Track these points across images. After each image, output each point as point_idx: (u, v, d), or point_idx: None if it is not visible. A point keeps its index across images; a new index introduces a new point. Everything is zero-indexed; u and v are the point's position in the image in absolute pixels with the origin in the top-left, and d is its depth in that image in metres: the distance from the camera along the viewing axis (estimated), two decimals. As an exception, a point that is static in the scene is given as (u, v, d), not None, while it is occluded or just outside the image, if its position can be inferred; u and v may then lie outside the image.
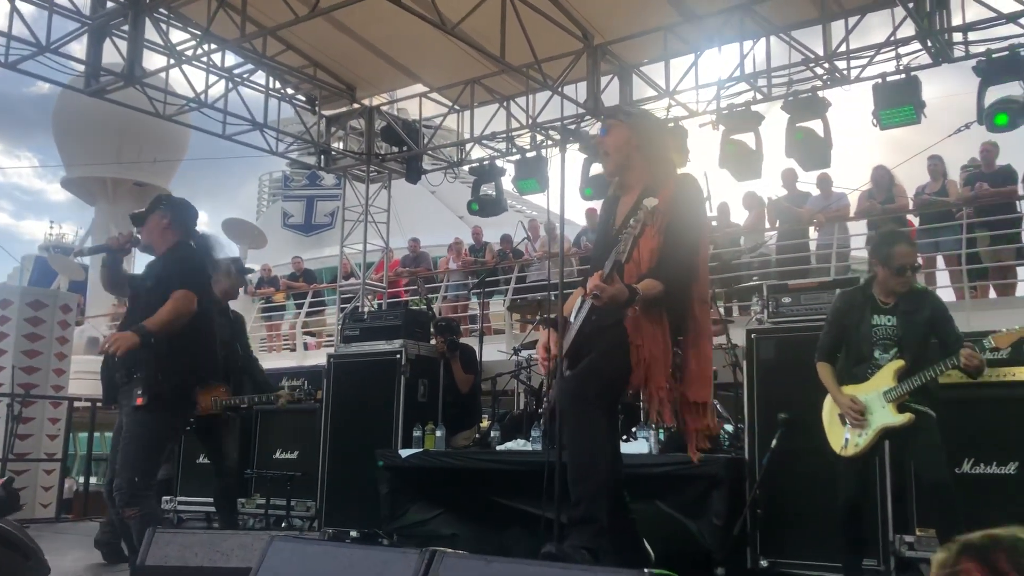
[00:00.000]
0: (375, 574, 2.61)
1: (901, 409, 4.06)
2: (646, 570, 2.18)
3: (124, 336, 3.91)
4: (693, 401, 3.34)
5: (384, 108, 10.94)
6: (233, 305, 6.36)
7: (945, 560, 1.24)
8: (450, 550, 2.54)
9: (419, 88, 10.59)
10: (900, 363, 4.09)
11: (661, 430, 6.02)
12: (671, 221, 3.21)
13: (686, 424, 3.40)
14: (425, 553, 2.57)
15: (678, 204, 3.25)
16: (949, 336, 4.12)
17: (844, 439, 4.19)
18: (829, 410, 4.33)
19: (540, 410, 6.40)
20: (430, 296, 12.52)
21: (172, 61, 8.87)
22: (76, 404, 9.92)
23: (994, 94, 7.43)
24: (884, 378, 4.11)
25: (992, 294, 9.24)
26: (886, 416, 4.07)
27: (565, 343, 3.54)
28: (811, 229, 10.21)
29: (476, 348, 7.57)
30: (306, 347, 14.48)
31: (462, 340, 7.71)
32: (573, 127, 8.75)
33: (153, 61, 8.84)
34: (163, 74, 9.18)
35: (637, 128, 3.52)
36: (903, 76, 7.67)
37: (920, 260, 4.47)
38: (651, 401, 3.27)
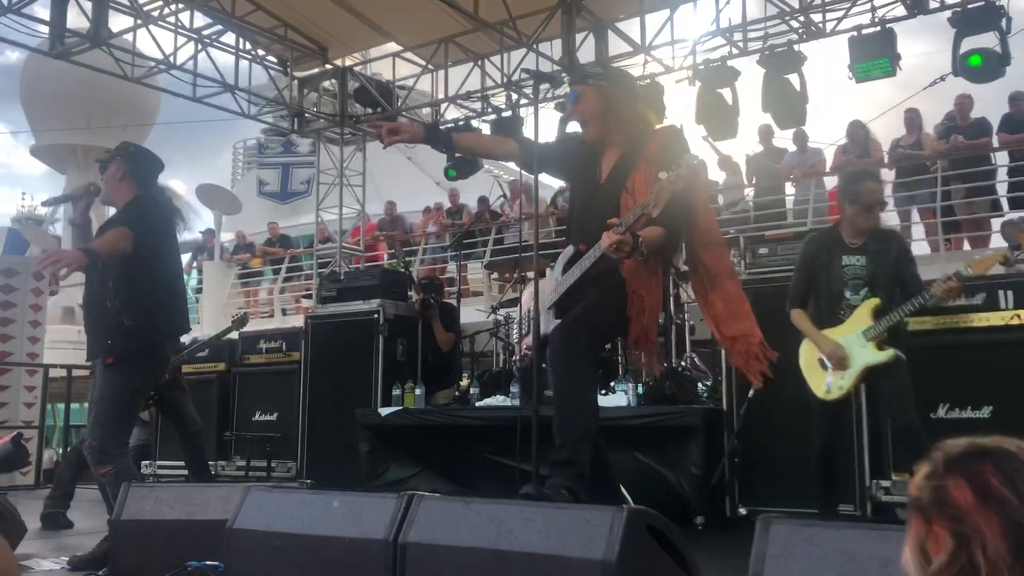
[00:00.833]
0: (353, 519, 2.60)
1: (881, 347, 4.01)
2: (624, 505, 2.18)
3: (72, 254, 3.81)
4: (729, 336, 3.40)
5: (357, 69, 10.80)
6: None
7: (929, 476, 1.18)
8: (427, 493, 2.54)
9: (392, 48, 10.45)
10: (876, 301, 4.04)
11: (640, 384, 6.05)
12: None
13: (734, 362, 3.48)
14: (403, 497, 2.57)
15: (668, 157, 3.21)
16: (911, 278, 4.09)
17: (826, 383, 4.12)
18: (806, 356, 4.25)
19: (515, 360, 6.40)
20: (408, 259, 12.46)
21: (139, 21, 8.71)
22: (52, 374, 9.81)
23: (969, 46, 7.42)
24: (861, 318, 4.06)
25: (967, 246, 9.29)
26: (868, 355, 4.01)
27: (555, 296, 3.54)
28: (788, 185, 10.21)
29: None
30: (284, 312, 14.39)
31: (444, 300, 7.71)
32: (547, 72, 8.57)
33: (119, 22, 8.67)
34: (130, 36, 9.00)
35: (608, 90, 3.46)
36: (879, 28, 7.64)
37: (886, 197, 4.46)
38: (645, 352, 3.34)
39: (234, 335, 7.68)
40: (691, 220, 3.41)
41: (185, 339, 5.99)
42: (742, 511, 5.29)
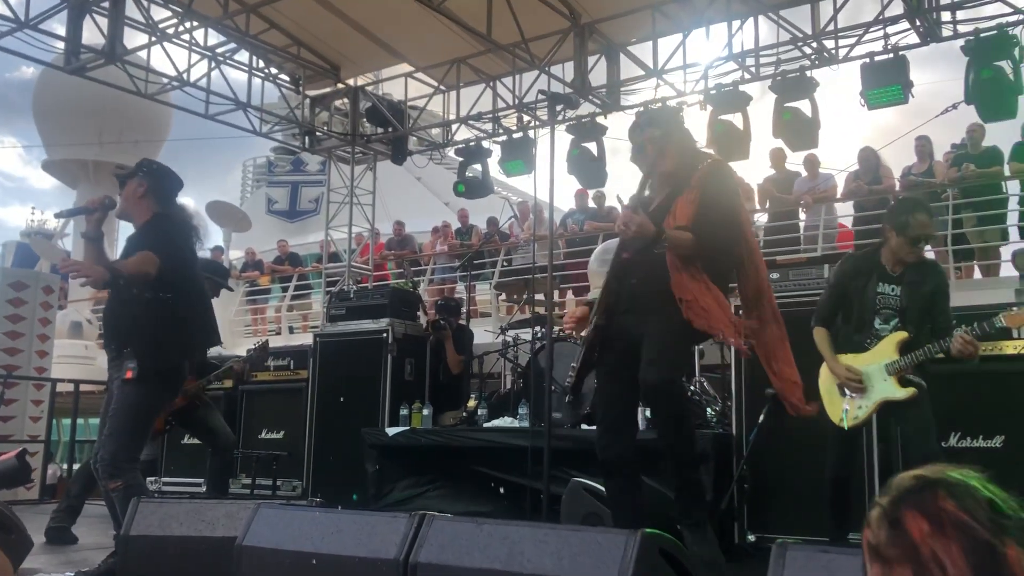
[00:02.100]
0: (364, 538, 2.58)
1: (903, 382, 3.96)
2: (640, 529, 2.16)
3: (94, 268, 3.81)
4: (780, 377, 3.73)
5: (369, 88, 10.84)
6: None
7: (880, 517, 1.12)
8: (438, 513, 2.52)
9: (404, 68, 10.51)
10: (903, 335, 3.98)
11: (648, 408, 6.01)
12: (703, 194, 3.52)
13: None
14: (415, 517, 2.55)
15: (710, 180, 3.56)
16: (941, 315, 4.03)
17: (843, 410, 4.08)
18: (826, 379, 4.21)
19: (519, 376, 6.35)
20: (416, 279, 12.46)
21: (153, 39, 8.77)
22: (59, 388, 9.81)
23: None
24: (886, 350, 4.00)
25: (977, 274, 9.27)
26: (888, 389, 3.96)
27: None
28: (799, 210, 10.20)
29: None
30: (291, 330, 14.39)
31: (460, 323, 7.72)
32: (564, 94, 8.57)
33: (134, 39, 8.74)
34: (144, 53, 9.07)
35: (678, 133, 3.82)
36: (891, 56, 7.65)
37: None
38: (725, 339, 3.56)
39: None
40: (743, 244, 3.66)
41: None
42: (751, 538, 5.24)
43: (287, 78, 10.40)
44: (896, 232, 4.02)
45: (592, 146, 9.15)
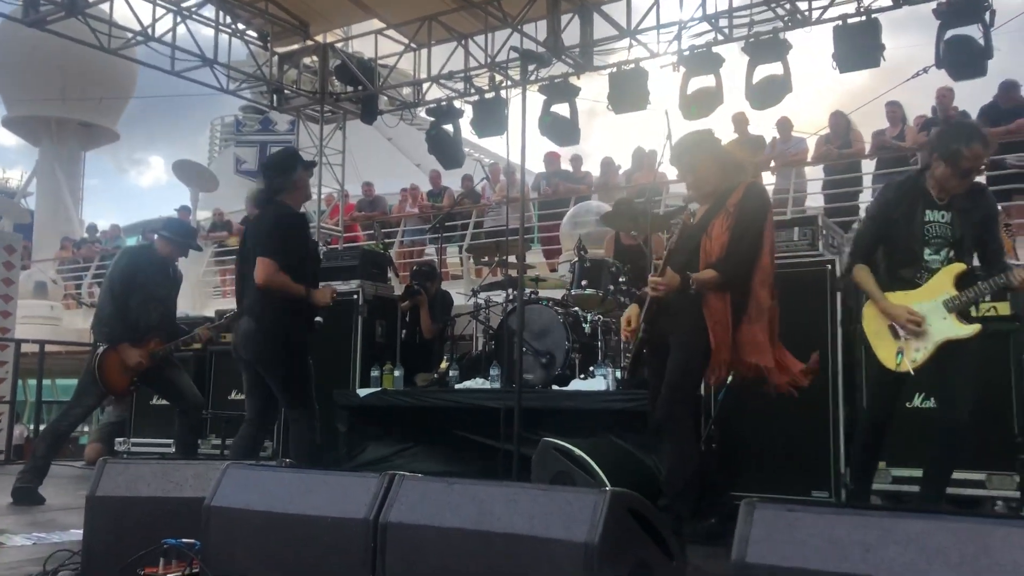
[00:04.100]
0: (334, 498, 2.57)
1: (964, 319, 3.56)
2: (607, 488, 2.17)
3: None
4: (749, 362, 3.90)
5: (339, 46, 10.68)
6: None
7: None
8: (408, 473, 2.52)
9: (374, 25, 10.34)
10: (961, 266, 3.58)
11: (619, 369, 6.05)
12: (736, 223, 3.83)
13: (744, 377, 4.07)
14: (384, 477, 2.54)
15: (743, 209, 3.86)
16: (993, 242, 3.64)
17: (898, 353, 3.61)
18: (874, 319, 3.75)
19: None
20: (387, 241, 12.38)
21: (117, -8, 8.57)
22: (24, 349, 9.68)
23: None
24: (942, 284, 3.59)
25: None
26: (950, 327, 3.53)
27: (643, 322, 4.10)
28: (768, 173, 10.23)
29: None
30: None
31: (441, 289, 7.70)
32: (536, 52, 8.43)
33: (97, -9, 8.52)
34: (107, 6, 8.85)
35: (715, 153, 4.09)
36: (864, 18, 7.65)
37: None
38: (715, 366, 3.91)
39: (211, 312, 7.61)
40: (754, 263, 3.89)
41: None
42: (718, 496, 5.29)
43: (255, 34, 10.20)
44: (945, 161, 3.57)
45: (564, 108, 9.09)
